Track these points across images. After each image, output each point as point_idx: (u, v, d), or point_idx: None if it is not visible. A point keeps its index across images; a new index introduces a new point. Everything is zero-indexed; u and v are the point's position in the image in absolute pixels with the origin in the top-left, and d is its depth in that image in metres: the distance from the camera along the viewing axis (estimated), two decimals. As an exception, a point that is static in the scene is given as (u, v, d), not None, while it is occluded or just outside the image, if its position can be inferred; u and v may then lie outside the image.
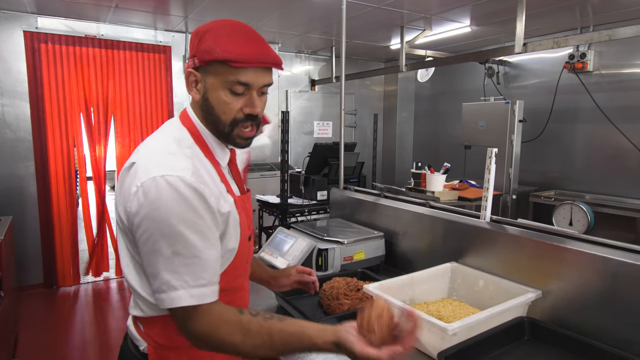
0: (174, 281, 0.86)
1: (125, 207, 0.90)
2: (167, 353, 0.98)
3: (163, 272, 0.86)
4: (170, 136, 0.97)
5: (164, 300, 0.87)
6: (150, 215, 0.85)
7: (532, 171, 4.53)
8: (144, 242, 0.87)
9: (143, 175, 0.87)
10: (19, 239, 3.90)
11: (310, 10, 3.75)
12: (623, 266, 1.22)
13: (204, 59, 0.91)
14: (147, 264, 0.89)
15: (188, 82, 0.96)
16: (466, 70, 5.29)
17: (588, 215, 3.37)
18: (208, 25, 0.95)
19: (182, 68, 4.67)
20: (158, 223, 0.85)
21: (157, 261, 0.86)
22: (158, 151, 0.93)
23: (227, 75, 0.91)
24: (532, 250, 1.44)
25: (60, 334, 3.33)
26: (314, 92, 5.91)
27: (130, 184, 0.89)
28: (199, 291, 0.87)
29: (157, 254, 0.86)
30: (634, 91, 3.82)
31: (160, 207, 0.85)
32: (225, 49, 0.89)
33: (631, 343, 1.19)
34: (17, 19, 3.86)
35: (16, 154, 3.97)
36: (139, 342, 1.01)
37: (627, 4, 3.41)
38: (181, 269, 0.86)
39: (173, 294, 0.86)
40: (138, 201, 0.86)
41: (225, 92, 0.93)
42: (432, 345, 1.22)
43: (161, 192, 0.85)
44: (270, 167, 5.04)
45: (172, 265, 0.85)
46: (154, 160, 0.90)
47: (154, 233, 0.85)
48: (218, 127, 0.98)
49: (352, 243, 1.86)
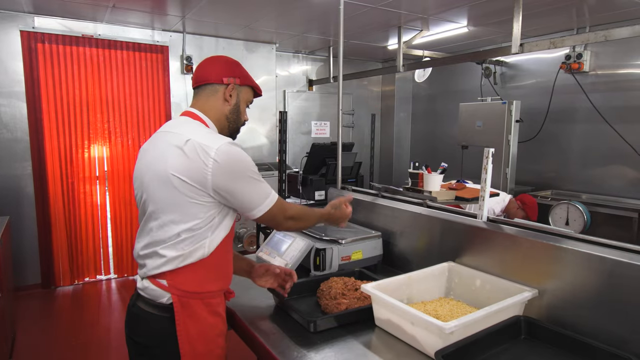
0: (268, 190, 1.31)
1: (198, 170, 1.21)
2: (188, 299, 1.26)
3: (258, 190, 1.28)
4: (200, 126, 1.33)
5: (267, 205, 1.30)
6: (234, 163, 1.24)
7: (528, 171, 4.55)
8: (234, 181, 1.24)
9: (213, 145, 1.22)
10: (16, 240, 3.89)
11: (307, 10, 3.76)
12: (619, 265, 1.23)
13: (245, 82, 1.41)
14: (240, 195, 1.26)
15: (227, 91, 1.37)
16: (463, 71, 5.31)
17: (584, 215, 3.39)
18: (236, 61, 1.45)
19: (179, 68, 4.67)
20: (242, 166, 1.25)
21: (250, 187, 1.27)
22: (205, 132, 1.29)
23: (249, 96, 1.46)
24: (528, 249, 1.45)
25: (57, 334, 3.32)
26: (311, 92, 5.92)
27: (202, 150, 1.21)
28: (275, 195, 1.34)
29: (249, 183, 1.26)
30: (629, 91, 3.84)
31: (237, 157, 1.25)
32: (254, 82, 1.46)
33: (627, 342, 1.20)
34: (14, 18, 3.85)
35: (13, 154, 3.96)
36: (161, 296, 1.26)
37: (623, 5, 3.43)
38: (264, 185, 1.31)
39: (271, 196, 1.31)
40: (221, 158, 1.21)
41: (244, 105, 1.45)
42: (429, 344, 1.22)
43: (234, 150, 1.25)
44: (267, 167, 5.04)
45: (261, 185, 1.29)
46: (208, 137, 1.25)
47: (240, 172, 1.25)
48: (236, 125, 1.43)
49: (349, 243, 1.86)
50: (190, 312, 1.26)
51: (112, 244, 4.46)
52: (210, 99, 1.37)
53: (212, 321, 1.30)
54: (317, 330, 1.36)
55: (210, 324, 1.29)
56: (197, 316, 1.27)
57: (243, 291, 1.68)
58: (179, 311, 1.24)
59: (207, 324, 1.29)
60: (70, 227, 4.22)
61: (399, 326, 1.32)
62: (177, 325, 1.24)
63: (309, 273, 1.82)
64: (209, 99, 1.37)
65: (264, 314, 1.52)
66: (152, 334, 1.28)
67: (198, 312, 1.27)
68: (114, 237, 4.45)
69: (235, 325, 1.52)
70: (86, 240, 4.31)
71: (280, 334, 1.37)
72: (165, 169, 1.23)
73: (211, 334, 1.30)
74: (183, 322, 1.25)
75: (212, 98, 1.37)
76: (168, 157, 1.24)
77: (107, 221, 4.41)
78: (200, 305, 1.27)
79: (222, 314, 1.35)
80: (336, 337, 1.35)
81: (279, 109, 4.77)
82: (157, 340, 1.27)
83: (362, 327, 1.41)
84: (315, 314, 1.49)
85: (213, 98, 1.37)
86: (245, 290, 1.69)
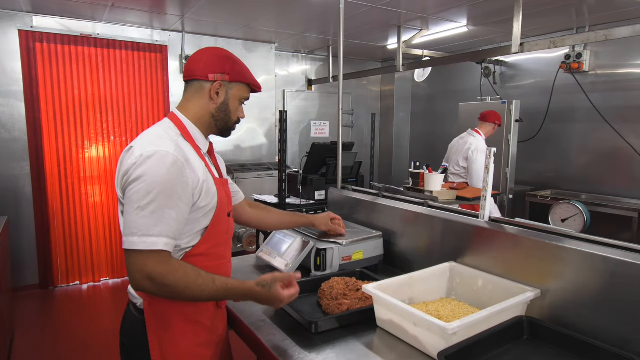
0: (149, 228, 1.08)
1: (126, 178, 1.14)
2: (158, 305, 1.22)
3: (130, 220, 1.09)
4: (160, 128, 1.26)
5: (124, 243, 1.10)
6: (140, 176, 1.10)
7: (528, 171, 4.55)
8: (128, 196, 1.11)
9: (137, 152, 1.14)
10: (14, 240, 3.87)
11: (307, 10, 3.75)
12: (621, 265, 1.22)
13: (236, 78, 1.30)
14: (125, 210, 1.12)
15: (212, 88, 1.28)
16: (463, 70, 5.31)
17: (584, 214, 3.38)
18: (233, 55, 1.34)
19: (178, 67, 4.66)
20: (143, 182, 1.10)
21: (129, 211, 1.10)
22: (151, 137, 1.21)
23: (243, 92, 1.34)
24: (530, 249, 1.44)
25: (56, 334, 3.30)
26: (310, 92, 5.91)
27: (129, 159, 1.14)
28: (148, 240, 1.08)
29: (136, 203, 1.09)
30: (629, 91, 3.85)
31: (149, 171, 1.11)
32: (250, 78, 1.34)
33: (629, 342, 1.19)
34: (12, 17, 3.83)
35: (11, 153, 3.94)
36: (136, 300, 1.25)
37: (623, 5, 3.43)
38: (142, 220, 1.09)
39: (145, 240, 1.08)
40: (135, 168, 1.11)
41: (236, 102, 1.34)
42: (431, 344, 1.21)
43: (151, 161, 1.11)
44: (267, 167, 5.03)
45: (137, 216, 1.09)
46: (147, 141, 1.17)
47: (140, 189, 1.10)
48: (224, 123, 1.34)
49: (350, 243, 1.85)
50: (161, 319, 1.22)
51: (111, 244, 4.44)
52: (195, 97, 1.29)
53: (189, 329, 1.25)
54: (319, 331, 1.36)
55: (184, 333, 1.24)
56: (168, 323, 1.22)
57: (243, 291, 1.67)
58: (150, 317, 1.22)
59: (181, 332, 1.24)
60: (68, 227, 4.21)
61: (401, 327, 1.31)
62: (148, 332, 1.21)
63: (310, 273, 1.81)
64: (193, 97, 1.30)
65: (265, 315, 1.51)
66: (132, 335, 1.27)
67: (170, 319, 1.23)
68: (113, 238, 4.43)
69: (236, 326, 1.51)
70: (85, 241, 4.30)
71: (281, 335, 1.36)
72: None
73: (186, 343, 1.24)
74: (154, 328, 1.22)
75: (196, 95, 1.29)
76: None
77: (106, 221, 4.39)
78: (173, 312, 1.23)
79: (206, 322, 1.29)
80: (337, 338, 1.34)
81: (278, 109, 4.76)
82: (136, 342, 1.25)
83: (364, 327, 1.40)
84: (316, 315, 1.48)
85: (198, 95, 1.29)
86: (246, 291, 1.68)
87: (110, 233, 4.42)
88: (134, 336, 1.26)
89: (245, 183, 4.68)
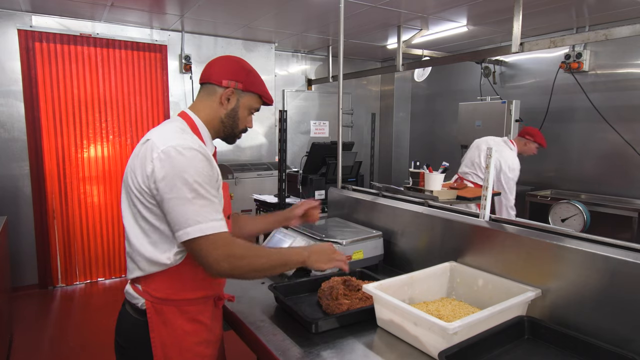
0: (205, 214, 1.14)
1: (143, 171, 1.16)
2: (161, 306, 1.23)
3: (187, 212, 1.12)
4: (175, 125, 1.27)
5: (189, 233, 1.12)
6: (173, 171, 1.13)
7: (528, 171, 4.52)
8: (168, 192, 1.13)
9: (161, 145, 1.15)
10: (13, 240, 3.86)
11: (306, 9, 3.74)
12: (622, 264, 1.22)
13: (249, 88, 1.34)
14: (170, 210, 1.14)
15: (224, 94, 1.31)
16: (463, 70, 5.30)
17: (584, 214, 3.38)
18: (251, 67, 1.38)
19: (178, 67, 4.65)
20: (180, 174, 1.13)
21: (180, 201, 1.12)
22: (169, 131, 1.22)
23: (253, 103, 1.37)
24: (531, 249, 1.44)
25: (55, 334, 3.30)
26: (310, 92, 5.90)
27: (149, 152, 1.16)
28: (213, 224, 1.14)
29: (180, 197, 1.12)
30: (629, 91, 3.84)
31: (180, 164, 1.13)
32: (262, 89, 1.38)
33: (630, 341, 1.19)
34: (11, 17, 3.82)
35: (10, 153, 3.93)
36: (137, 300, 1.25)
37: (623, 4, 3.43)
38: (199, 209, 1.13)
39: (206, 225, 1.13)
40: (160, 163, 1.14)
41: (245, 111, 1.37)
42: (432, 344, 1.21)
43: (179, 155, 1.14)
44: (267, 167, 5.03)
45: (194, 206, 1.13)
46: (168, 136, 1.19)
47: (174, 181, 1.12)
48: (231, 130, 1.37)
49: (350, 243, 1.85)
50: (164, 319, 1.23)
51: (110, 244, 4.43)
52: (207, 100, 1.33)
53: (190, 329, 1.27)
54: (319, 331, 1.35)
55: (186, 332, 1.26)
56: (171, 323, 1.24)
57: (243, 292, 1.67)
58: (152, 317, 1.23)
59: (183, 332, 1.25)
60: (68, 227, 4.20)
61: (401, 327, 1.31)
62: (151, 332, 1.22)
63: (309, 273, 1.80)
64: (205, 99, 1.33)
65: (265, 315, 1.50)
66: (130, 336, 1.28)
67: (172, 319, 1.24)
68: (113, 238, 4.43)
69: (236, 326, 1.51)
70: (84, 241, 4.29)
71: (281, 335, 1.36)
72: (126, 172, 1.25)
73: (188, 342, 1.26)
74: (157, 328, 1.23)
75: (208, 99, 1.33)
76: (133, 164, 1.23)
77: (106, 221, 4.39)
78: (175, 312, 1.25)
79: (206, 321, 1.31)
80: (338, 338, 1.33)
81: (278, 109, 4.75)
82: (134, 343, 1.26)
83: (364, 327, 1.40)
84: (317, 314, 1.48)
85: (209, 99, 1.33)
86: (246, 291, 1.68)
87: (109, 233, 4.41)
88: (131, 336, 1.27)
89: (245, 183, 4.68)
